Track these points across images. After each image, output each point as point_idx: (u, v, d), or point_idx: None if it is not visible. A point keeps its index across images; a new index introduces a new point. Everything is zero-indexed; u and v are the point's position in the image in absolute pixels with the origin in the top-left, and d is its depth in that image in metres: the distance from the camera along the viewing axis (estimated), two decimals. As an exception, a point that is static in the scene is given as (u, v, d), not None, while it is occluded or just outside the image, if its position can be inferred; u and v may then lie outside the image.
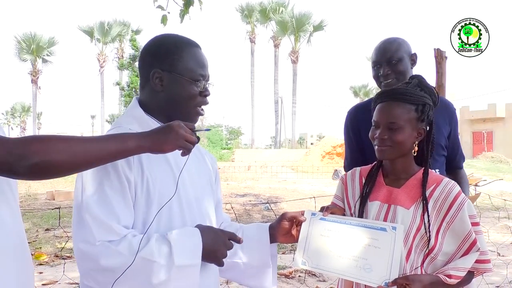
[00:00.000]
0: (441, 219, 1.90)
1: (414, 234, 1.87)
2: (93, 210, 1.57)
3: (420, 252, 1.89)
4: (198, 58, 1.78)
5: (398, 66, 2.57)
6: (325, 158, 27.98)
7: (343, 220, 1.89)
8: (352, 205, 2.02)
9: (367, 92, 59.48)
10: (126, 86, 35.89)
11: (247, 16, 48.87)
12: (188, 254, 1.60)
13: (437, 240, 1.88)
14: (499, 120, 37.01)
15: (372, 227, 1.84)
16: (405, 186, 1.95)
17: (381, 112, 1.93)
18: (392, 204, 1.93)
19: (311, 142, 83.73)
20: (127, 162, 1.63)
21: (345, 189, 2.09)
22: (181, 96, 1.74)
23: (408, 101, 1.91)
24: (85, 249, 1.56)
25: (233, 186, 17.54)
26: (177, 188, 1.69)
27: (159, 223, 1.68)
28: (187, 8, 5.63)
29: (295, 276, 5.93)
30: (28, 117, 72.39)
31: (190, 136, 1.54)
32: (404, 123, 1.89)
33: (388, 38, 2.68)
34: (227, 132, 75.04)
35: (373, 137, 1.95)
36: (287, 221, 1.92)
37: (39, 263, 6.53)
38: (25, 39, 48.82)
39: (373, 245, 1.79)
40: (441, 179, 1.97)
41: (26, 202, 13.03)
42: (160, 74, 1.73)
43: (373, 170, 2.05)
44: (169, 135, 1.51)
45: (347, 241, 1.83)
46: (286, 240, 1.94)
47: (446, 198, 1.90)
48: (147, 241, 1.58)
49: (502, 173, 21.68)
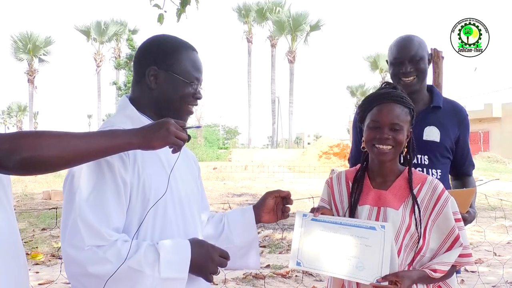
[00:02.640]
0: (427, 217, 1.96)
1: (404, 234, 1.93)
2: (85, 214, 1.56)
3: (409, 251, 1.94)
4: (195, 62, 1.81)
5: (420, 64, 2.55)
6: (322, 158, 27.98)
7: (334, 220, 1.94)
8: (340, 209, 2.07)
9: (364, 92, 59.49)
10: (123, 86, 35.90)
11: (244, 16, 48.84)
12: (175, 267, 1.61)
13: (425, 238, 1.95)
14: (495, 120, 37.07)
15: (362, 226, 1.89)
16: (392, 187, 2.00)
17: (384, 113, 1.96)
18: (382, 206, 1.98)
19: (308, 142, 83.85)
20: (122, 163, 1.63)
21: (331, 193, 2.13)
22: (174, 95, 1.77)
23: (405, 104, 1.99)
24: (73, 254, 1.56)
25: (230, 186, 17.53)
26: (169, 186, 1.70)
27: (154, 222, 1.68)
28: (183, 7, 5.61)
29: (292, 276, 5.93)
30: (25, 117, 72.23)
31: (181, 133, 1.55)
32: (404, 124, 1.96)
33: (407, 36, 2.63)
34: (224, 132, 74.98)
35: (373, 138, 1.97)
36: (271, 198, 1.98)
37: (35, 263, 6.52)
38: (21, 38, 48.62)
39: (364, 244, 1.85)
40: (425, 177, 2.03)
41: (22, 201, 13.02)
42: (156, 71, 1.76)
43: (358, 174, 2.08)
44: (160, 131, 1.51)
45: (339, 241, 1.88)
46: (270, 218, 2.02)
47: (431, 196, 1.97)
48: (136, 249, 1.58)
49: (499, 173, 21.72)
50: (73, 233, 1.56)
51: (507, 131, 36.43)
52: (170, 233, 1.71)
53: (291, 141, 53.98)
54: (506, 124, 36.67)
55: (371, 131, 1.98)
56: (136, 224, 1.66)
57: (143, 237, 1.66)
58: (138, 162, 1.67)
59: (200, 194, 1.99)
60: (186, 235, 1.74)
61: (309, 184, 18.67)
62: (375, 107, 1.99)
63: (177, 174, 1.78)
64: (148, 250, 1.59)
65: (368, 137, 1.98)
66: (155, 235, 1.68)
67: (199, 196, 1.97)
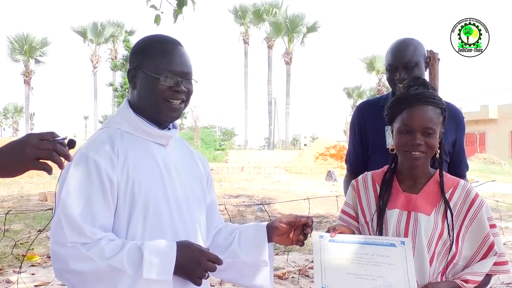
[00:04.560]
0: (460, 223, 1.85)
1: (436, 241, 1.82)
2: (68, 211, 1.56)
3: (442, 259, 1.84)
4: (168, 54, 1.74)
5: (415, 71, 2.53)
6: (319, 159, 28.01)
7: (352, 239, 1.85)
8: (368, 214, 1.95)
9: (360, 93, 59.58)
10: (119, 87, 35.80)
11: (241, 17, 48.86)
12: (158, 269, 1.57)
13: (458, 245, 1.84)
14: (491, 122, 37.18)
15: (381, 244, 1.81)
16: (423, 191, 1.89)
17: (415, 117, 1.82)
18: (412, 211, 1.86)
19: (304, 143, 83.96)
20: (110, 162, 1.63)
21: (358, 197, 2.00)
22: (147, 91, 1.74)
23: (437, 104, 1.86)
24: (56, 250, 1.56)
25: (227, 187, 17.52)
26: (163, 186, 1.70)
27: (145, 223, 1.67)
28: (180, 8, 5.62)
29: (288, 277, 5.94)
30: (21, 118, 72.15)
31: (46, 144, 1.42)
32: (436, 127, 1.84)
33: (403, 40, 2.61)
34: (220, 133, 74.97)
35: (404, 144, 1.84)
36: (285, 224, 1.90)
37: (31, 264, 6.50)
38: (17, 39, 48.49)
39: (387, 262, 1.78)
40: (457, 181, 1.92)
41: (18, 203, 12.97)
42: (132, 72, 1.77)
43: (387, 176, 1.96)
44: (16, 156, 1.41)
45: (361, 261, 1.80)
46: (281, 241, 1.94)
47: (464, 201, 1.86)
48: (120, 248, 1.57)
49: (495, 174, 21.79)
50: (57, 229, 1.57)
51: (503, 133, 36.55)
52: (163, 234, 1.68)
53: (288, 143, 54.01)
54: (502, 125, 36.79)
55: (402, 136, 1.85)
56: (125, 223, 1.65)
57: (133, 237, 1.65)
58: (128, 162, 1.67)
59: (204, 197, 1.93)
60: (183, 237, 1.72)
61: (305, 186, 18.68)
62: (406, 109, 1.84)
63: (175, 175, 1.77)
64: (132, 250, 1.58)
65: (399, 142, 1.86)
66: (146, 236, 1.66)
67: (203, 199, 1.92)
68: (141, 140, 1.74)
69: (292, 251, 7.16)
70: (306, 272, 6.11)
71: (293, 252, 7.17)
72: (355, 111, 2.87)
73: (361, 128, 2.75)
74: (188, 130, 55.30)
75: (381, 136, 2.62)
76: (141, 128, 1.75)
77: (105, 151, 1.64)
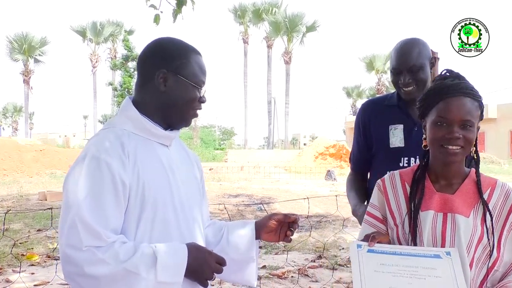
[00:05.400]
0: (501, 226, 1.72)
1: (475, 245, 1.68)
2: (83, 214, 1.55)
3: (482, 266, 1.70)
4: (201, 65, 1.82)
5: (420, 74, 2.48)
6: (318, 159, 28.00)
7: (393, 250, 1.71)
8: (398, 216, 1.81)
9: (359, 93, 59.60)
10: (119, 87, 35.83)
11: (240, 17, 48.82)
12: (171, 271, 1.60)
13: (500, 250, 1.71)
14: (491, 121, 37.19)
15: (425, 255, 1.67)
16: (459, 191, 1.75)
17: (453, 108, 1.68)
18: (449, 212, 1.72)
19: (304, 142, 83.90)
20: (122, 163, 1.63)
21: (385, 198, 1.86)
22: (183, 99, 1.77)
23: (475, 97, 1.72)
24: (71, 254, 1.55)
25: (226, 187, 17.52)
26: (169, 188, 1.71)
27: (153, 224, 1.68)
28: (179, 8, 5.62)
29: (287, 276, 5.93)
30: (20, 117, 72.00)
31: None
32: (475, 120, 1.71)
33: (408, 41, 2.54)
34: (220, 133, 74.91)
35: (441, 138, 1.70)
36: (275, 221, 1.95)
37: (31, 264, 6.50)
38: (16, 39, 48.48)
39: (433, 275, 1.63)
40: (494, 181, 1.79)
41: (18, 202, 12.97)
42: (165, 74, 1.75)
43: (418, 175, 1.82)
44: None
45: (406, 275, 1.64)
46: (269, 238, 1.99)
47: (504, 202, 1.74)
48: (134, 252, 1.58)
49: (494, 174, 21.78)
50: (71, 233, 1.56)
51: (503, 132, 36.58)
52: (169, 235, 1.70)
53: (287, 142, 53.99)
54: (501, 125, 36.81)
55: (438, 129, 1.70)
56: (134, 225, 1.65)
57: (141, 239, 1.65)
58: (138, 163, 1.67)
59: (201, 196, 1.97)
60: (188, 238, 1.74)
61: (305, 185, 18.68)
62: (442, 101, 1.71)
63: (178, 176, 1.78)
64: (145, 253, 1.59)
65: (435, 135, 1.71)
66: (154, 237, 1.67)
67: (201, 199, 1.95)
68: (145, 141, 1.74)
69: (291, 250, 7.16)
70: (306, 271, 6.10)
71: (293, 252, 7.16)
72: (359, 110, 2.86)
73: (365, 127, 2.75)
74: (187, 130, 55.29)
75: (385, 135, 2.61)
76: (146, 128, 1.74)
77: (116, 153, 1.64)
